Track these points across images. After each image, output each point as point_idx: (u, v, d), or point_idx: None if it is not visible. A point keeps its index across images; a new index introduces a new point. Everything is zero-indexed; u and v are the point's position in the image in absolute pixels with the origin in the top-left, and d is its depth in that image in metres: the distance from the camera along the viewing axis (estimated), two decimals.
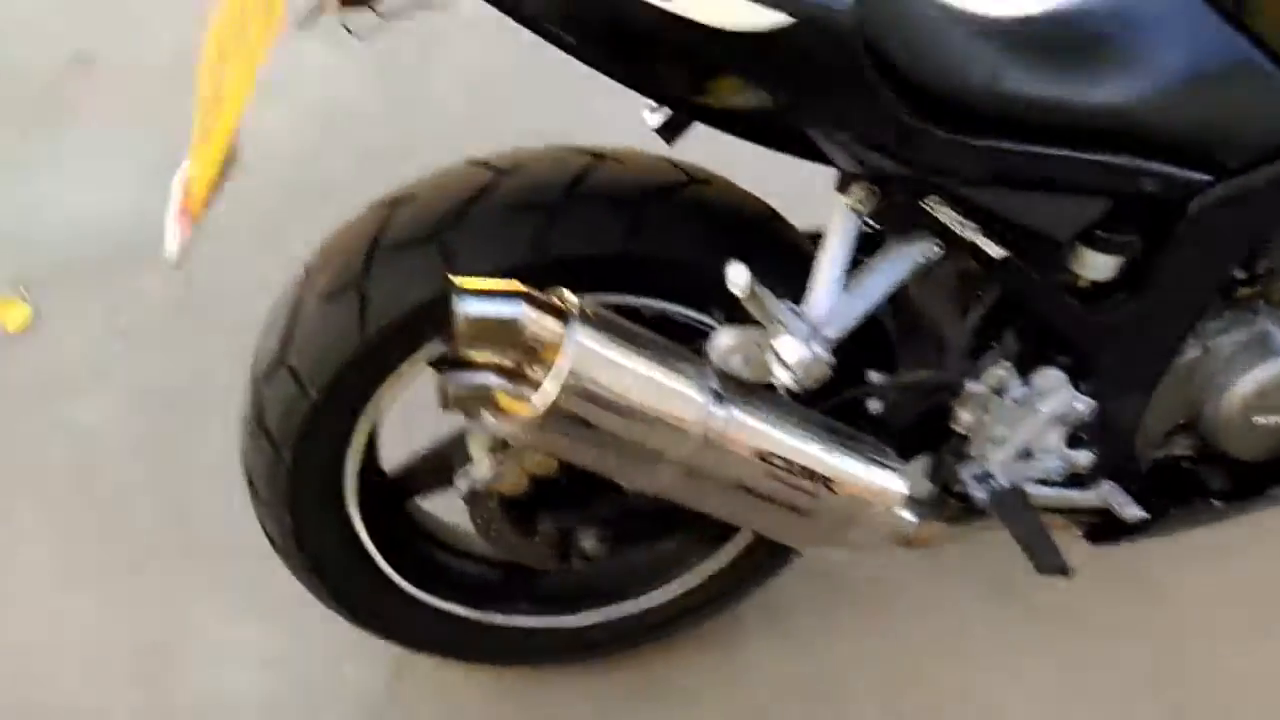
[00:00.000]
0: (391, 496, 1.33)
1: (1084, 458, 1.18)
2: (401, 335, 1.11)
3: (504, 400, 0.98)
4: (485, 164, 1.12)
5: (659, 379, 0.97)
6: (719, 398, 0.99)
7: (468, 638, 1.42)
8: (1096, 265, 1.06)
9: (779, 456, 1.02)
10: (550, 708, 1.47)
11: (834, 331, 1.01)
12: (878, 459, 1.09)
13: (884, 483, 1.09)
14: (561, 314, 0.95)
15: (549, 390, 0.94)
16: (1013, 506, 1.15)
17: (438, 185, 1.13)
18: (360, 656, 1.49)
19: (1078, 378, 1.13)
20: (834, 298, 1.02)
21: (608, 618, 1.43)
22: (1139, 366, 1.16)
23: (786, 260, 1.12)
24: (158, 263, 1.06)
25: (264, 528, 1.27)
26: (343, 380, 1.13)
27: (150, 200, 1.23)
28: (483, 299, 0.93)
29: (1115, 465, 1.20)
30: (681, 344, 1.04)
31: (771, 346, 0.99)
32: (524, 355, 0.94)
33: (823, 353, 0.99)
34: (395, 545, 1.32)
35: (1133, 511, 1.18)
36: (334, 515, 1.25)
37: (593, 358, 0.95)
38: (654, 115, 1.14)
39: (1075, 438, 1.18)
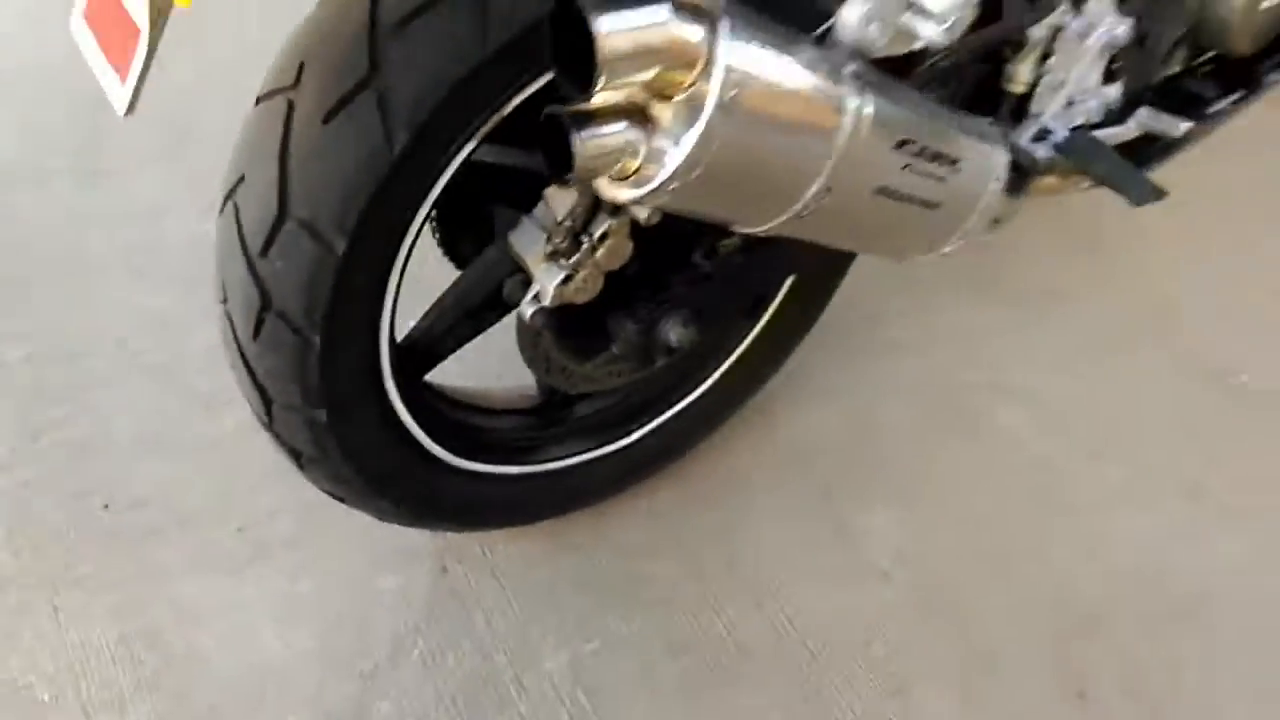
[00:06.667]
0: (412, 368, 1.12)
1: (1115, 90, 1.15)
2: (444, 130, 0.89)
3: (632, 163, 0.81)
4: None
5: (804, 70, 0.81)
6: (859, 84, 0.85)
7: (526, 495, 1.24)
8: None
9: (914, 142, 0.91)
10: (609, 536, 1.33)
11: None
12: (984, 131, 1.00)
13: (994, 156, 1.00)
14: (704, 16, 0.78)
15: (708, 90, 0.77)
16: (1088, 148, 1.11)
17: None
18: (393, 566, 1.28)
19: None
20: None
21: (656, 426, 1.30)
22: None
23: None
24: None
25: (284, 443, 1.04)
26: (374, 218, 0.89)
27: None
28: (620, 14, 0.74)
29: (1140, 92, 1.18)
30: None
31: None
32: (668, 72, 0.76)
33: None
34: (431, 420, 1.12)
35: (1179, 124, 1.17)
36: (374, 400, 1.03)
37: (746, 53, 0.77)
38: None
39: (1107, 74, 1.15)
